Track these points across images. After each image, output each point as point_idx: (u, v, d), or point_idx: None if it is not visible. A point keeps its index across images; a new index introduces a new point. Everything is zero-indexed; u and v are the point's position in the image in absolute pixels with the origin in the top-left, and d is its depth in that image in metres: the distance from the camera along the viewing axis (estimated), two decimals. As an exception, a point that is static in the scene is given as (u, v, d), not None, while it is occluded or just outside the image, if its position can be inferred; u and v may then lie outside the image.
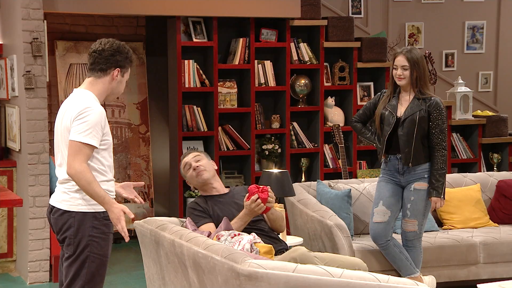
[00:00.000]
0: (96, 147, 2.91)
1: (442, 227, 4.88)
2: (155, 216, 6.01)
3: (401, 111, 4.05)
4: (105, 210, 2.92)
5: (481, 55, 7.42)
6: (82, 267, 2.93)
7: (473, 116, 6.52)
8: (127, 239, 2.91)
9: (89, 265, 2.92)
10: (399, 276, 4.11)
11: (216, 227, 3.43)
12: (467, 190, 5.02)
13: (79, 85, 2.98)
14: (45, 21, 5.00)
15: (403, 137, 4.02)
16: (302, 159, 6.12)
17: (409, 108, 4.02)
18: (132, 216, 2.95)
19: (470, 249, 4.52)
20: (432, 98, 4.03)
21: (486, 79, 7.48)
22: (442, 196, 4.04)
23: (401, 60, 4.01)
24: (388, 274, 2.96)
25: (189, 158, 3.63)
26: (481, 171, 6.37)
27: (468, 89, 6.52)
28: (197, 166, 3.58)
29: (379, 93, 4.23)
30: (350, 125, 4.22)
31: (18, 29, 4.93)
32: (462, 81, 6.53)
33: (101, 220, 2.93)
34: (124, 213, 2.89)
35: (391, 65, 4.09)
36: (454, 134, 6.46)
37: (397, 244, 4.13)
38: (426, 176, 4.03)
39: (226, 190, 3.66)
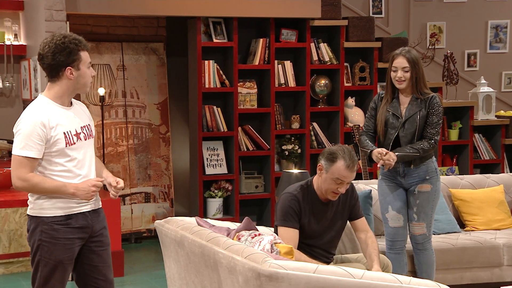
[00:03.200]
0: (35, 158, 2.80)
1: (464, 229, 4.83)
2: (175, 216, 6.03)
3: (402, 113, 3.98)
4: (54, 215, 2.87)
5: (504, 54, 7.33)
6: (36, 271, 2.91)
7: (496, 116, 6.45)
8: (113, 193, 2.89)
9: (42, 269, 2.89)
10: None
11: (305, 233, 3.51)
12: (490, 191, 4.96)
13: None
14: (67, 22, 5.04)
15: (404, 139, 3.94)
16: (322, 159, 6.09)
17: (409, 109, 3.94)
18: (101, 180, 2.90)
19: (493, 251, 4.46)
20: (431, 95, 3.95)
21: (509, 79, 7.39)
22: (396, 159, 3.85)
23: (401, 62, 3.89)
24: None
25: (349, 178, 3.46)
26: (504, 172, 6.29)
27: (491, 89, 6.44)
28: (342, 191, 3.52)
29: (375, 97, 4.10)
30: (359, 138, 4.11)
31: (41, 30, 4.98)
32: (484, 81, 6.46)
33: (50, 225, 2.87)
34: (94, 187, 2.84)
35: (389, 67, 3.95)
36: (476, 135, 6.38)
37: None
38: (427, 177, 3.97)
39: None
